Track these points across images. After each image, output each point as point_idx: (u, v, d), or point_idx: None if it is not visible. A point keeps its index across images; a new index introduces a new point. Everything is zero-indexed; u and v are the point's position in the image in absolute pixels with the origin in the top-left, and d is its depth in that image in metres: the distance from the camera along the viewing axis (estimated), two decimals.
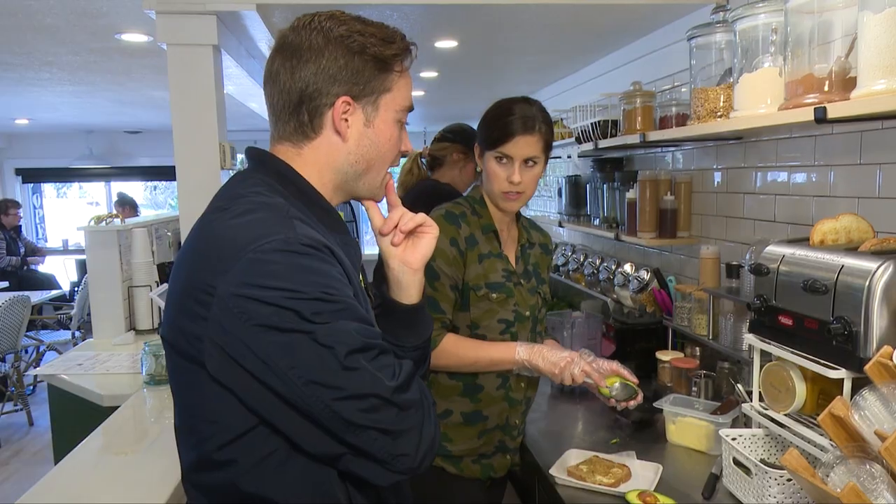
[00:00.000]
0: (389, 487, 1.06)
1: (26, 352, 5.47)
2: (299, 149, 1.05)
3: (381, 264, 1.15)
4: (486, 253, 1.69)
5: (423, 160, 2.84)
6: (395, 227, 1.11)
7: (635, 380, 1.65)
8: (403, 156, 1.14)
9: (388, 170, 1.11)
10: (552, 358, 1.60)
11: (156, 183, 9.94)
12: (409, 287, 1.12)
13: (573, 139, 3.17)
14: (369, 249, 6.97)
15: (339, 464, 0.95)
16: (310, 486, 0.98)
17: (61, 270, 7.67)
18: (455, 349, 1.63)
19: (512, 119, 1.63)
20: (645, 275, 2.76)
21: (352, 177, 1.07)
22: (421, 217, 1.12)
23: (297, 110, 1.02)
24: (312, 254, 0.91)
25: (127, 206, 6.67)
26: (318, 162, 1.05)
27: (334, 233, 1.05)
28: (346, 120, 1.02)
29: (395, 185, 2.79)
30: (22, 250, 7.09)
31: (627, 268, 2.94)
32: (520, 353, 1.62)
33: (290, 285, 0.87)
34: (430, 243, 1.12)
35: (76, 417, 2.53)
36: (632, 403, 1.64)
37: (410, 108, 1.09)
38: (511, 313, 1.70)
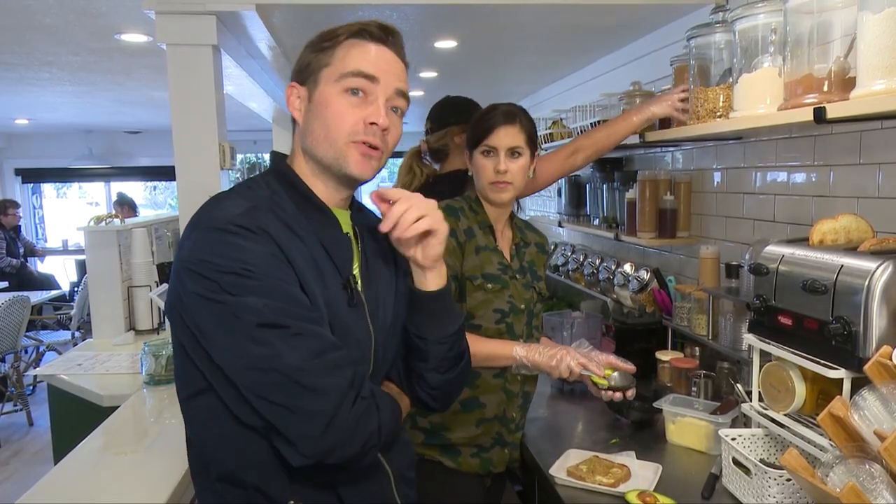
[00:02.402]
0: (345, 477, 1.08)
1: (26, 352, 5.47)
2: (292, 145, 1.17)
3: None
4: (483, 246, 1.74)
5: (425, 156, 2.72)
6: (395, 224, 1.07)
7: (632, 367, 1.65)
8: (377, 127, 1.08)
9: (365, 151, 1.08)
10: (549, 352, 1.63)
11: (155, 183, 9.95)
12: (426, 279, 1.14)
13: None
14: None
15: (270, 437, 1.01)
16: (248, 453, 1.04)
17: (61, 270, 7.67)
18: None
19: (494, 114, 1.72)
20: (645, 275, 2.76)
21: (311, 153, 1.11)
22: (428, 222, 1.07)
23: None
24: (240, 233, 0.98)
25: (126, 206, 6.67)
26: (297, 152, 1.15)
27: (326, 229, 1.10)
28: (300, 105, 1.11)
29: (397, 185, 2.68)
30: (21, 250, 7.08)
31: (627, 268, 2.94)
32: (517, 350, 1.64)
33: (214, 258, 0.97)
34: (437, 245, 1.10)
35: (76, 417, 2.53)
36: (629, 394, 1.64)
37: (363, 74, 1.06)
38: (506, 304, 1.73)
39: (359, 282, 1.14)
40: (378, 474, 1.15)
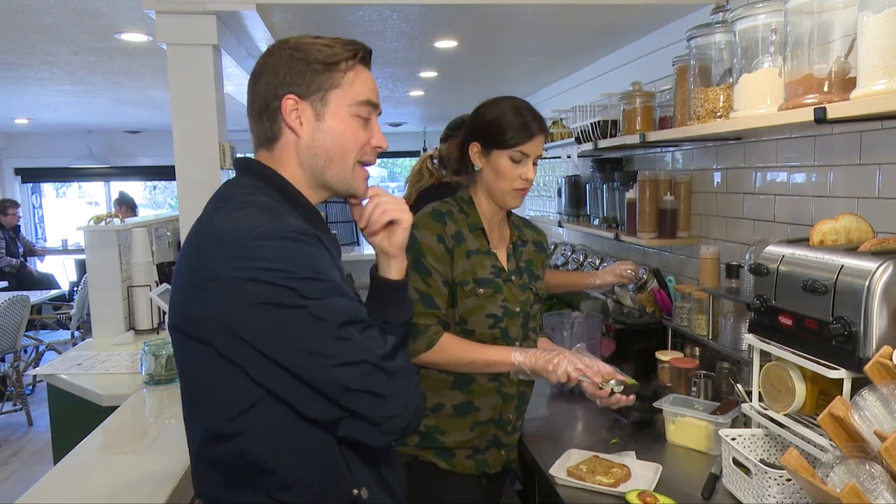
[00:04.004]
0: (383, 460, 1.18)
1: (25, 351, 5.47)
2: (272, 152, 1.16)
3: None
4: (474, 249, 1.71)
5: (434, 161, 2.77)
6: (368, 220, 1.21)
7: (633, 382, 1.65)
8: (380, 151, 1.20)
9: (364, 165, 1.19)
10: (546, 356, 1.63)
11: (155, 183, 9.95)
12: (390, 268, 1.23)
13: (573, 139, 3.17)
14: (368, 250, 6.97)
15: (338, 429, 1.05)
16: (313, 453, 1.08)
17: (61, 270, 7.67)
18: (452, 348, 1.64)
19: (528, 120, 1.68)
20: (641, 273, 2.77)
21: (318, 171, 1.15)
22: (391, 213, 1.20)
23: (260, 119, 1.16)
24: (303, 239, 1.02)
25: (125, 205, 6.65)
26: (287, 162, 1.15)
27: (323, 232, 1.16)
28: (299, 118, 1.13)
29: (406, 185, 2.76)
30: (20, 250, 7.08)
31: None
32: (515, 356, 1.64)
33: (286, 266, 0.99)
34: (404, 234, 1.22)
35: (75, 417, 2.53)
36: (630, 398, 1.64)
37: (371, 104, 1.16)
38: (500, 308, 1.71)
39: None
40: (396, 455, 1.26)
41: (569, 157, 3.40)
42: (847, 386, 1.28)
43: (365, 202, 1.22)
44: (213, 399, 1.06)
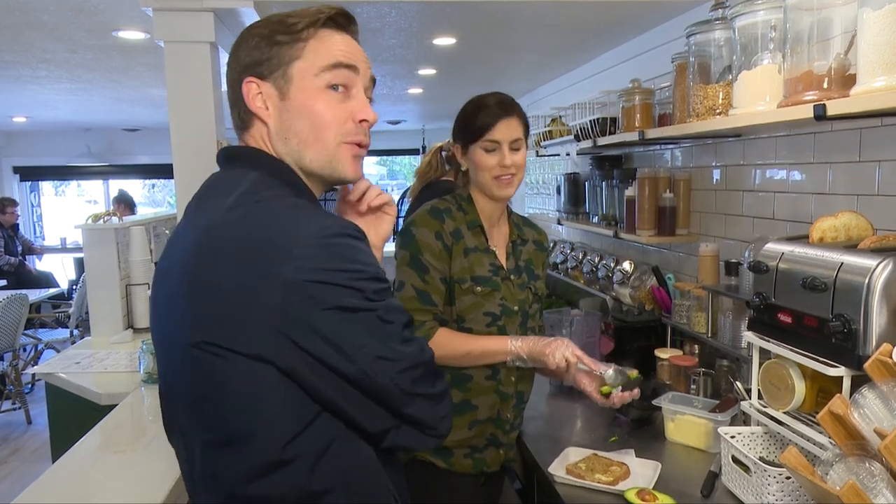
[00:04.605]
0: (401, 472, 1.11)
1: (24, 350, 5.47)
2: (246, 142, 1.04)
3: None
4: (473, 247, 1.71)
5: (443, 153, 2.75)
6: (363, 196, 1.15)
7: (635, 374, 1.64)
8: (368, 125, 1.04)
9: (352, 147, 1.03)
10: (544, 341, 1.63)
11: (154, 181, 9.94)
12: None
13: (572, 136, 3.16)
14: None
15: (385, 439, 0.98)
16: (363, 469, 1.00)
17: (59, 269, 7.67)
18: (448, 341, 1.64)
19: (490, 107, 1.67)
20: (628, 267, 2.79)
21: (296, 158, 1.01)
22: (388, 196, 1.17)
23: (232, 110, 1.05)
24: (363, 238, 0.94)
25: (123, 203, 6.64)
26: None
27: None
28: (264, 102, 0.99)
29: (415, 176, 2.78)
30: (19, 248, 7.08)
31: (626, 265, 2.94)
32: (512, 343, 1.64)
33: (354, 266, 0.89)
34: (390, 223, 1.19)
35: (74, 416, 2.53)
36: (635, 393, 1.63)
37: (343, 65, 0.99)
38: (497, 307, 1.70)
39: None
40: None
41: (568, 154, 3.40)
42: (847, 384, 1.28)
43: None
44: (266, 424, 0.91)
